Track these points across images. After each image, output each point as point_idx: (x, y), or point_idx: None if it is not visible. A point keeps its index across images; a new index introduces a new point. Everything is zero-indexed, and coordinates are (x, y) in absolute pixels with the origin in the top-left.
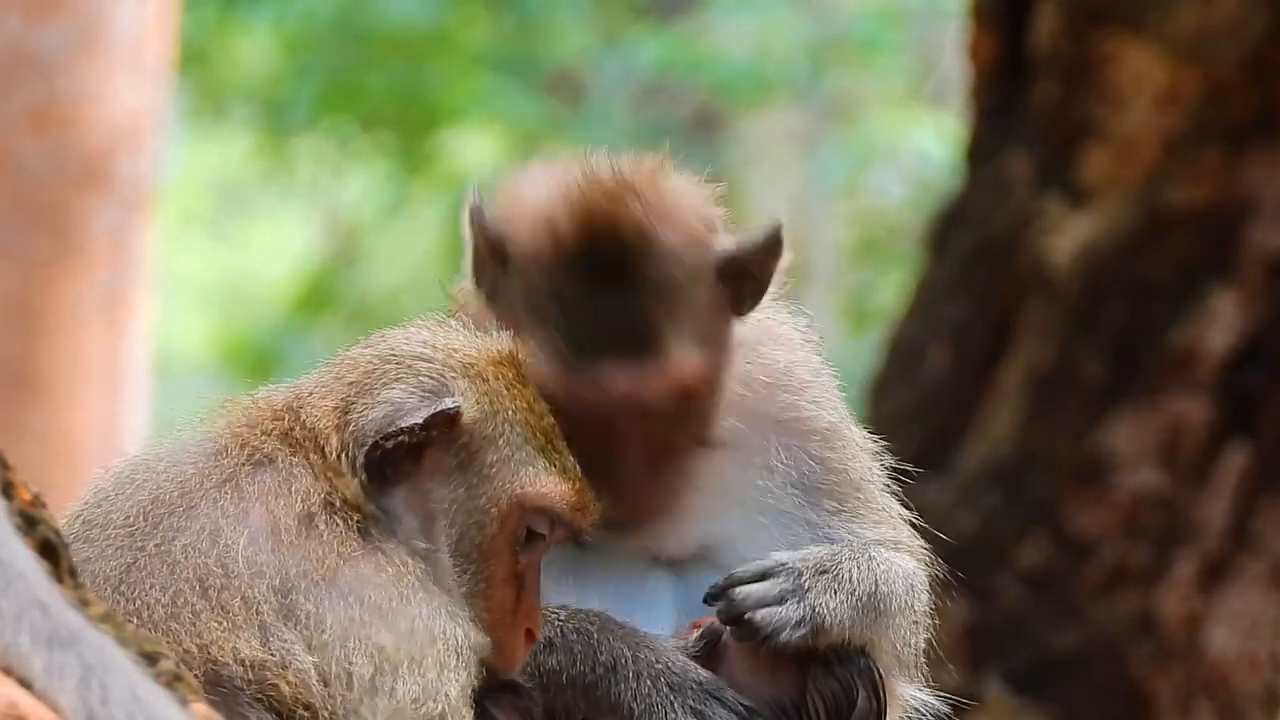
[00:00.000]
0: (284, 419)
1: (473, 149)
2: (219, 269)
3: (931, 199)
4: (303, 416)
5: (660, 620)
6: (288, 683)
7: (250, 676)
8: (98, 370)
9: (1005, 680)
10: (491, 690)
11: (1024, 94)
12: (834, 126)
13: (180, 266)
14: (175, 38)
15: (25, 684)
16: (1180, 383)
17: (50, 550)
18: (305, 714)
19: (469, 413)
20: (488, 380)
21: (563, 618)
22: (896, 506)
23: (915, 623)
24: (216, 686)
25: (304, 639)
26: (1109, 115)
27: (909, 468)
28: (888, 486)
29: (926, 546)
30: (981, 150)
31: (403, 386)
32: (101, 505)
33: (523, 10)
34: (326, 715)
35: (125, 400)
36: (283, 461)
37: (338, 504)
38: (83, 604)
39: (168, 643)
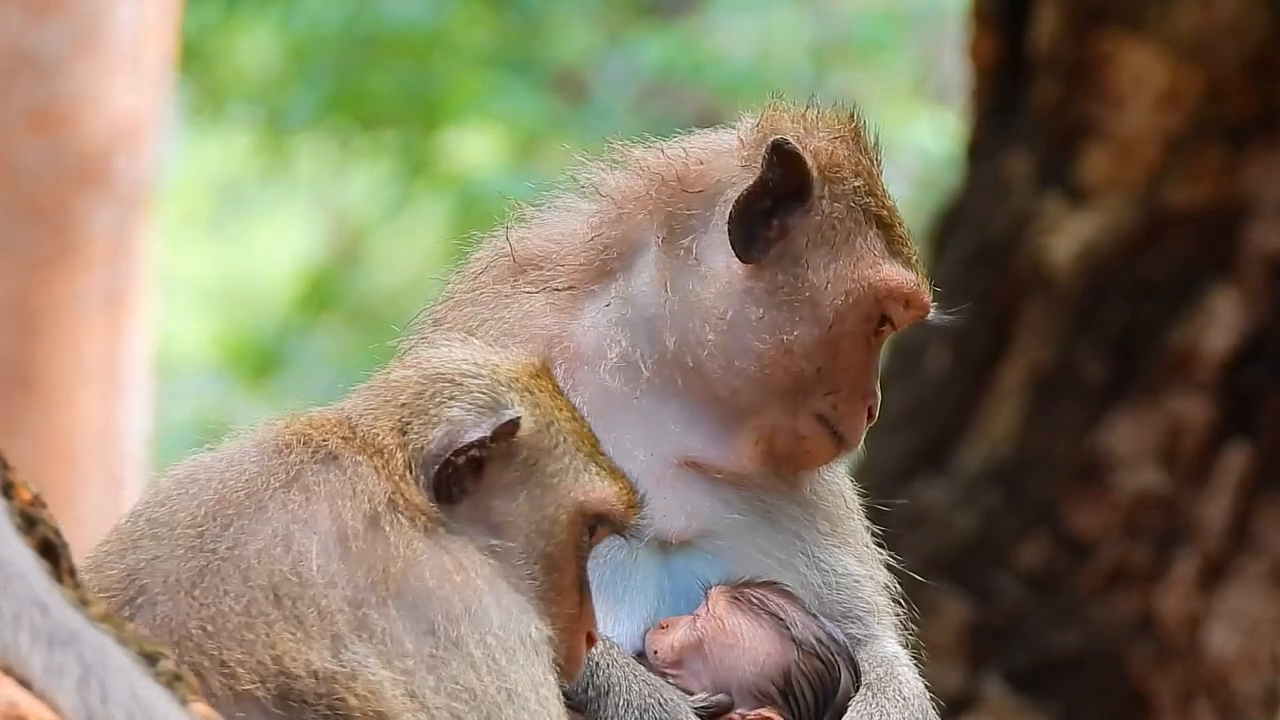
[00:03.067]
0: (342, 429)
1: (475, 148)
2: (219, 269)
3: (932, 197)
4: (360, 433)
5: (643, 601)
6: (356, 695)
7: (321, 690)
8: (97, 370)
9: (1005, 680)
10: None
11: (1024, 94)
12: None
13: (180, 266)
14: (175, 38)
15: (25, 684)
16: (1180, 383)
17: (50, 550)
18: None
19: (526, 425)
20: (534, 393)
21: None
22: (871, 539)
23: None
24: (286, 701)
25: (380, 655)
26: (1109, 115)
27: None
28: (864, 517)
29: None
30: (981, 150)
31: (460, 405)
32: (165, 505)
33: (526, 10)
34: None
35: (125, 400)
36: (348, 459)
37: (401, 504)
38: (83, 603)
39: (241, 653)
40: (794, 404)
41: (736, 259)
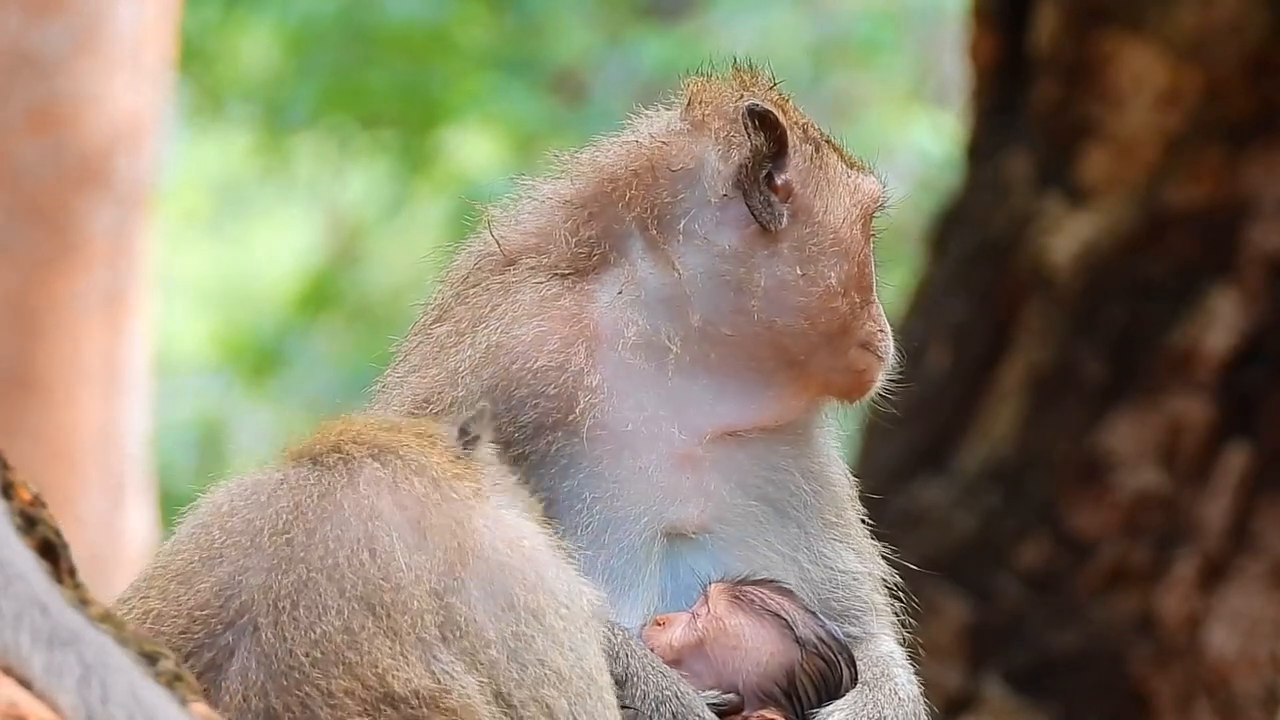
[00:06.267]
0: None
1: (474, 148)
2: (219, 269)
3: (932, 198)
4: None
5: (647, 594)
6: (448, 709)
7: (417, 715)
8: (97, 370)
9: (1005, 680)
10: None
11: (1024, 94)
12: (835, 127)
13: (180, 266)
14: (175, 37)
15: (25, 684)
16: (1180, 383)
17: (50, 550)
18: None
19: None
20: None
21: None
22: (867, 531)
23: None
24: None
25: (466, 658)
26: (1109, 115)
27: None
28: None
29: (892, 580)
30: (981, 150)
31: None
32: (235, 515)
33: (525, 10)
34: None
35: (125, 400)
36: (397, 447)
37: (456, 471)
38: (83, 603)
39: (348, 679)
40: (842, 343)
41: (750, 229)
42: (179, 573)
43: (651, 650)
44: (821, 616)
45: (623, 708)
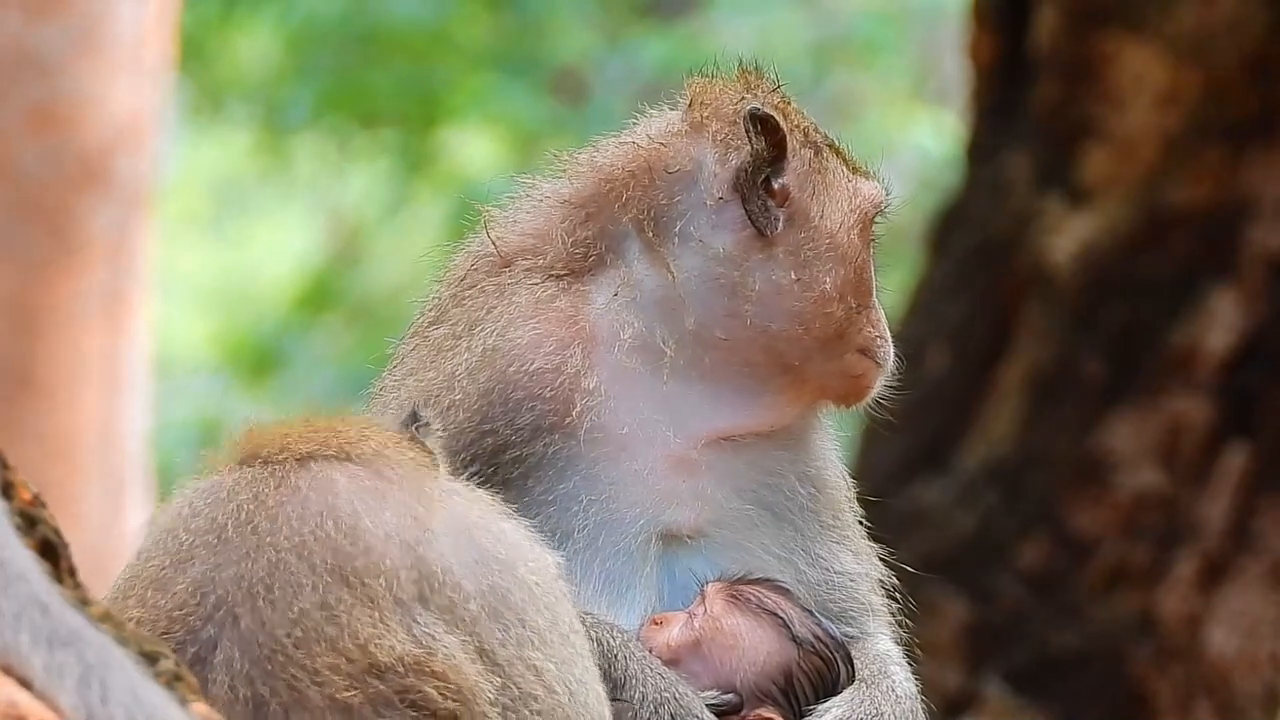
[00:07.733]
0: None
1: (474, 148)
2: (219, 269)
3: (932, 197)
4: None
5: (644, 595)
6: (435, 674)
7: (406, 683)
8: (97, 370)
9: (1005, 680)
10: None
11: (1024, 94)
12: (836, 127)
13: (180, 266)
14: (175, 37)
15: (25, 684)
16: (1180, 383)
17: (50, 550)
18: (454, 704)
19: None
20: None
21: (588, 624)
22: (864, 532)
23: None
24: (376, 708)
25: (445, 617)
26: (1109, 115)
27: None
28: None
29: (888, 583)
30: (981, 150)
31: None
32: (199, 516)
33: (525, 10)
34: (491, 690)
35: (125, 400)
36: (347, 433)
37: (404, 444)
38: (83, 603)
39: (332, 654)
40: (838, 348)
41: (745, 233)
42: (153, 579)
43: (649, 650)
44: (819, 615)
45: (616, 699)
